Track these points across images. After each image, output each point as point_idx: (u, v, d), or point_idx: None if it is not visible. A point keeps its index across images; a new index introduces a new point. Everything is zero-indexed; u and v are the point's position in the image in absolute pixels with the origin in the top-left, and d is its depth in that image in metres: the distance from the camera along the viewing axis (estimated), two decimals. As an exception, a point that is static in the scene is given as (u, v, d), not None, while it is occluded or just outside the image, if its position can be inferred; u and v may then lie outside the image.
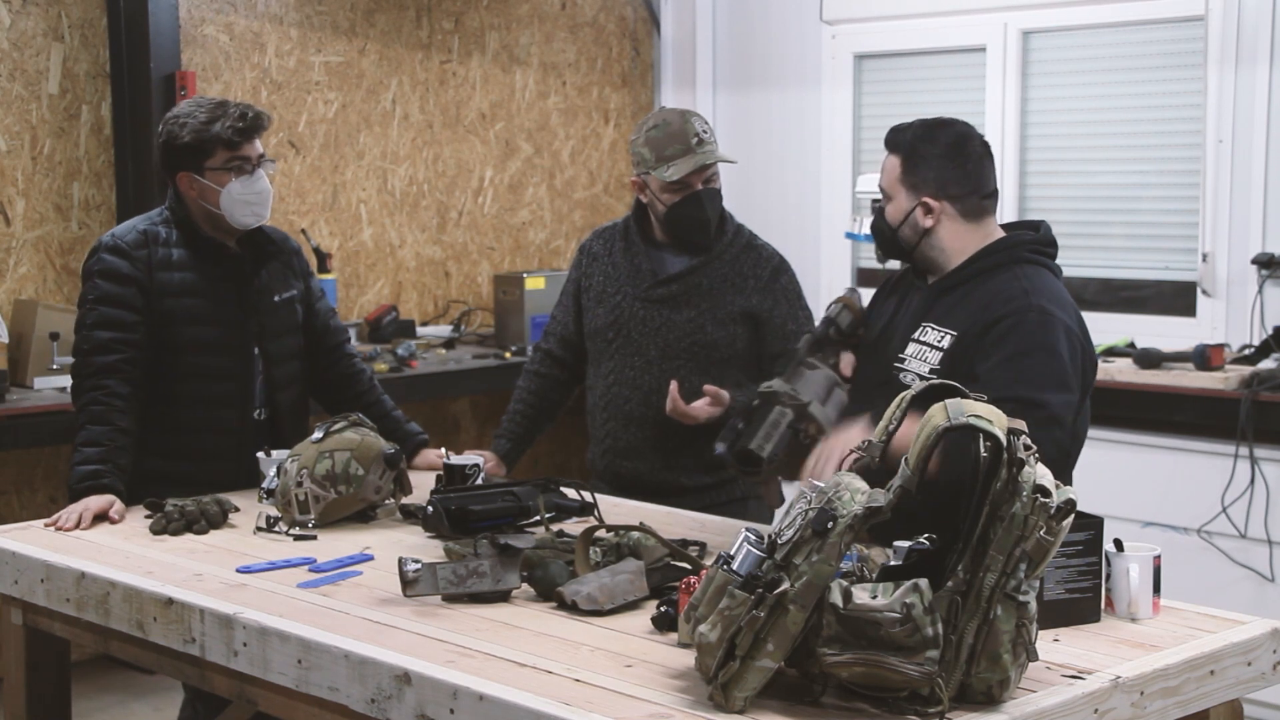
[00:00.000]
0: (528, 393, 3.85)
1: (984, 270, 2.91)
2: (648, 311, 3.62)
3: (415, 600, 2.57)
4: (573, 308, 3.79)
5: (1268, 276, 4.99)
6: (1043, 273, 2.92)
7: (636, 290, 3.64)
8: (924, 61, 5.99)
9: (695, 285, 3.60)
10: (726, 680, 2.03)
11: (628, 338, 3.64)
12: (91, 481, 3.24)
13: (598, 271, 3.72)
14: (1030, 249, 2.94)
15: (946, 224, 2.93)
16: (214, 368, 3.46)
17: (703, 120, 3.55)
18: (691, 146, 3.49)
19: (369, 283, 5.88)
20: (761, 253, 3.66)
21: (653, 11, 6.67)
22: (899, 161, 2.97)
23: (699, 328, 3.58)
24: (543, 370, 3.85)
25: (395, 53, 5.86)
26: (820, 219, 6.20)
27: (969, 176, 2.93)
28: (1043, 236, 2.99)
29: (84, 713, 4.58)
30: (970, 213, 2.92)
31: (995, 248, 2.94)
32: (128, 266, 3.37)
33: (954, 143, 2.95)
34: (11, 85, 4.92)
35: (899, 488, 2.06)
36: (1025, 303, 2.82)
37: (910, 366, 2.91)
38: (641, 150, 3.53)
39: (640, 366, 3.63)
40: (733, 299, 3.59)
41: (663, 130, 3.51)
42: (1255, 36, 5.03)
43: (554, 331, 3.85)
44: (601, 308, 3.69)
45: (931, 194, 2.92)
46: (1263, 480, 4.57)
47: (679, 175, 3.48)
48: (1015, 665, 2.06)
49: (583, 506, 3.07)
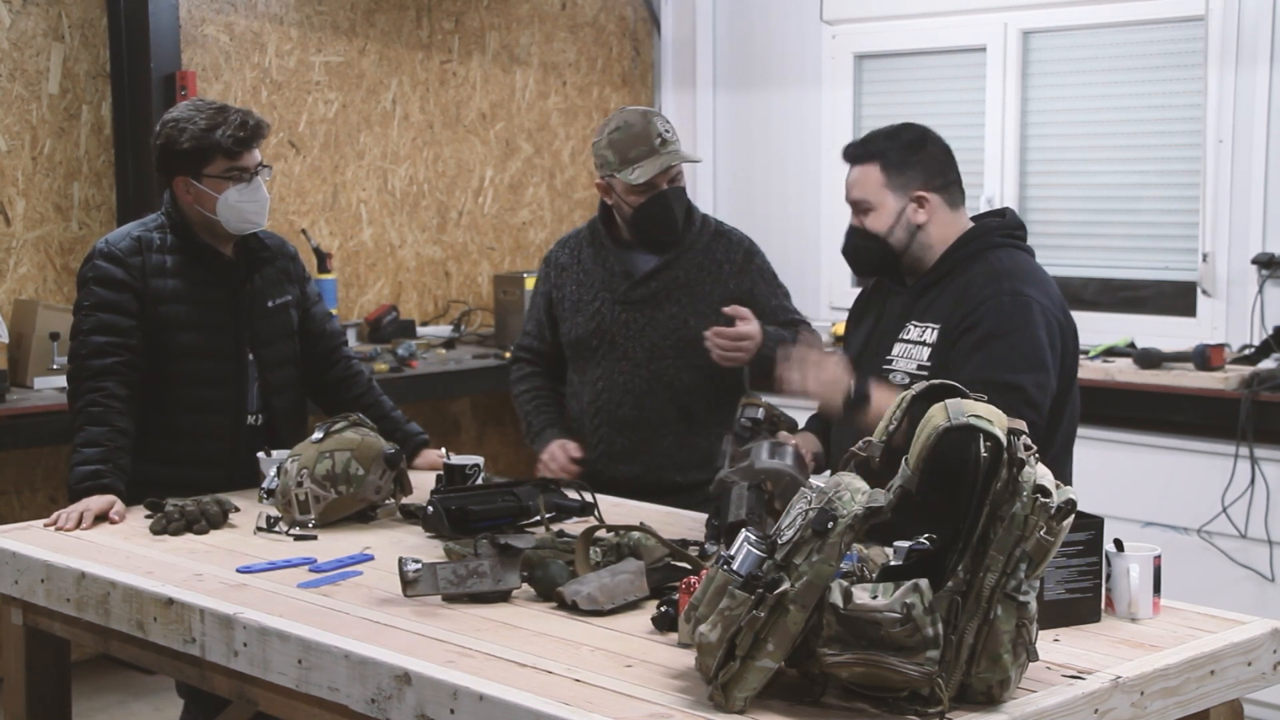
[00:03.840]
0: (534, 389, 3.80)
1: (959, 262, 2.98)
2: (629, 314, 3.61)
3: (415, 600, 2.57)
4: (546, 321, 3.75)
5: (1268, 276, 4.99)
6: (1015, 254, 3.00)
7: (614, 294, 3.62)
8: (924, 61, 5.99)
9: (672, 280, 3.59)
10: (727, 680, 2.03)
11: (612, 343, 3.62)
12: (92, 481, 3.24)
13: (569, 281, 3.69)
14: (1000, 234, 3.01)
15: (936, 216, 2.99)
16: (207, 373, 3.46)
17: (664, 120, 3.54)
18: (655, 148, 3.47)
19: (369, 283, 5.88)
20: (731, 237, 3.67)
21: (653, 11, 6.67)
22: (877, 168, 3.02)
23: (682, 323, 3.58)
24: (534, 371, 3.81)
25: (395, 53, 5.86)
26: (820, 219, 6.20)
27: (945, 165, 3.04)
28: (1010, 221, 3.06)
29: (84, 713, 4.58)
30: (955, 201, 3.04)
31: (966, 238, 3.01)
32: (122, 273, 3.38)
33: (920, 139, 3.04)
34: (12, 85, 4.92)
35: (899, 488, 2.06)
36: (998, 286, 2.89)
37: (899, 366, 2.95)
38: (605, 153, 3.52)
39: (628, 370, 3.61)
40: (710, 288, 3.59)
41: (625, 132, 3.49)
42: (1255, 36, 5.03)
43: (528, 346, 3.82)
44: (580, 316, 3.65)
45: (921, 187, 2.98)
46: (1263, 480, 4.56)
47: (645, 178, 3.47)
48: (1015, 665, 2.06)
49: (583, 506, 3.07)
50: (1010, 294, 2.87)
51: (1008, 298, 2.87)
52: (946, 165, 3.03)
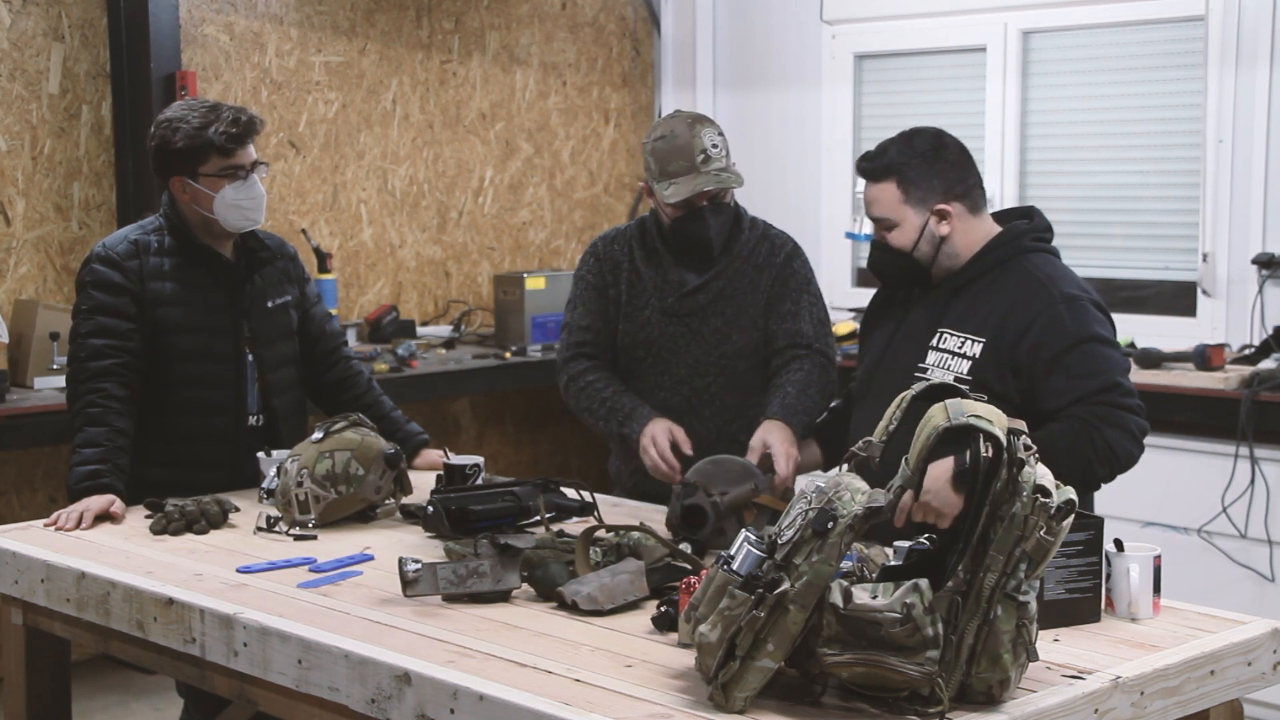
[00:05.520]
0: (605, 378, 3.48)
1: (992, 266, 2.94)
2: (675, 328, 3.46)
3: (415, 600, 2.57)
4: (601, 312, 3.52)
5: (1268, 276, 4.99)
6: (1051, 260, 2.98)
7: (663, 304, 3.47)
8: (924, 61, 5.99)
9: (719, 292, 3.45)
10: (727, 680, 2.03)
11: (657, 356, 3.48)
12: (91, 481, 3.24)
13: (622, 280, 3.51)
14: (1031, 238, 2.98)
15: (960, 225, 2.94)
16: (207, 375, 3.46)
17: (714, 132, 3.36)
18: (696, 165, 3.31)
19: (369, 283, 5.88)
20: (775, 241, 3.53)
21: (653, 11, 6.67)
22: (894, 185, 2.96)
23: (725, 338, 3.45)
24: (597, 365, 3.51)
25: (395, 53, 5.86)
26: (820, 219, 6.20)
27: (964, 171, 2.98)
28: (1038, 224, 3.04)
29: (84, 713, 4.58)
30: (977, 205, 2.99)
31: (998, 242, 2.97)
32: (119, 276, 3.39)
33: (935, 146, 2.98)
34: (12, 85, 4.92)
35: (899, 488, 2.06)
36: (1048, 296, 2.87)
37: (935, 377, 2.85)
38: (648, 158, 3.39)
39: (669, 386, 3.47)
40: (751, 297, 3.46)
41: (668, 142, 3.34)
42: (1255, 37, 5.03)
43: (585, 341, 3.53)
44: (629, 323, 3.50)
45: (942, 199, 2.93)
46: (1263, 480, 4.56)
47: (677, 198, 3.32)
48: (1015, 665, 2.06)
49: (583, 506, 3.07)
50: (1064, 301, 2.86)
51: (1062, 306, 2.85)
52: (965, 170, 2.97)
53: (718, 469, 3.02)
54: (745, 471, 3.04)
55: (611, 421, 3.41)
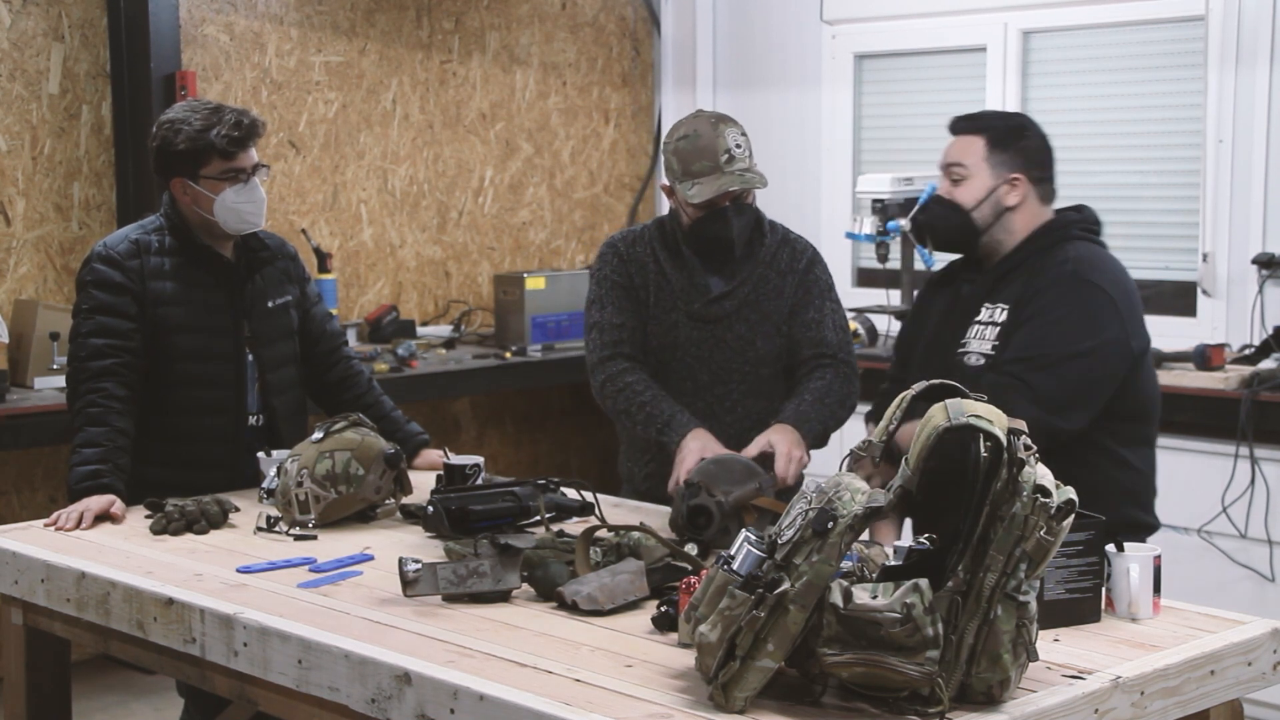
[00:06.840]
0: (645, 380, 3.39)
1: (1035, 252, 3.05)
2: (700, 333, 3.42)
3: (415, 600, 2.57)
4: (634, 310, 3.44)
5: (1268, 276, 4.99)
6: (1090, 247, 3.10)
7: (689, 308, 3.42)
8: (924, 61, 5.99)
9: (743, 298, 3.42)
10: (727, 680, 2.03)
11: (680, 361, 3.43)
12: (91, 481, 3.24)
13: (650, 284, 3.45)
14: (1079, 228, 3.10)
15: (1026, 203, 3.08)
16: (207, 375, 3.46)
17: (737, 132, 3.32)
18: (720, 165, 3.27)
19: (369, 283, 5.88)
20: (795, 246, 3.52)
21: (653, 11, 6.67)
22: (982, 140, 3.07)
23: (749, 344, 3.43)
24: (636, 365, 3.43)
25: (395, 53, 5.86)
26: (820, 219, 6.19)
27: (1044, 160, 3.12)
28: (1087, 216, 3.16)
29: (84, 713, 4.58)
30: (1046, 196, 3.14)
31: (1047, 228, 3.08)
32: (120, 276, 3.39)
33: (1027, 126, 3.12)
34: (11, 85, 4.92)
35: (899, 488, 2.06)
36: (1061, 270, 2.98)
37: (972, 348, 3.04)
38: (670, 158, 3.35)
39: (692, 392, 3.42)
40: (775, 304, 3.44)
41: (692, 142, 3.29)
42: (1255, 36, 5.03)
43: (620, 339, 3.43)
44: (657, 326, 3.44)
45: (1020, 170, 3.05)
46: (1263, 480, 4.56)
47: (701, 198, 3.27)
48: (1015, 665, 2.06)
49: (583, 506, 3.07)
50: (1071, 276, 2.96)
51: (1068, 280, 2.96)
52: (1045, 160, 3.11)
53: (721, 469, 3.03)
54: (748, 471, 3.05)
55: (650, 427, 3.33)
